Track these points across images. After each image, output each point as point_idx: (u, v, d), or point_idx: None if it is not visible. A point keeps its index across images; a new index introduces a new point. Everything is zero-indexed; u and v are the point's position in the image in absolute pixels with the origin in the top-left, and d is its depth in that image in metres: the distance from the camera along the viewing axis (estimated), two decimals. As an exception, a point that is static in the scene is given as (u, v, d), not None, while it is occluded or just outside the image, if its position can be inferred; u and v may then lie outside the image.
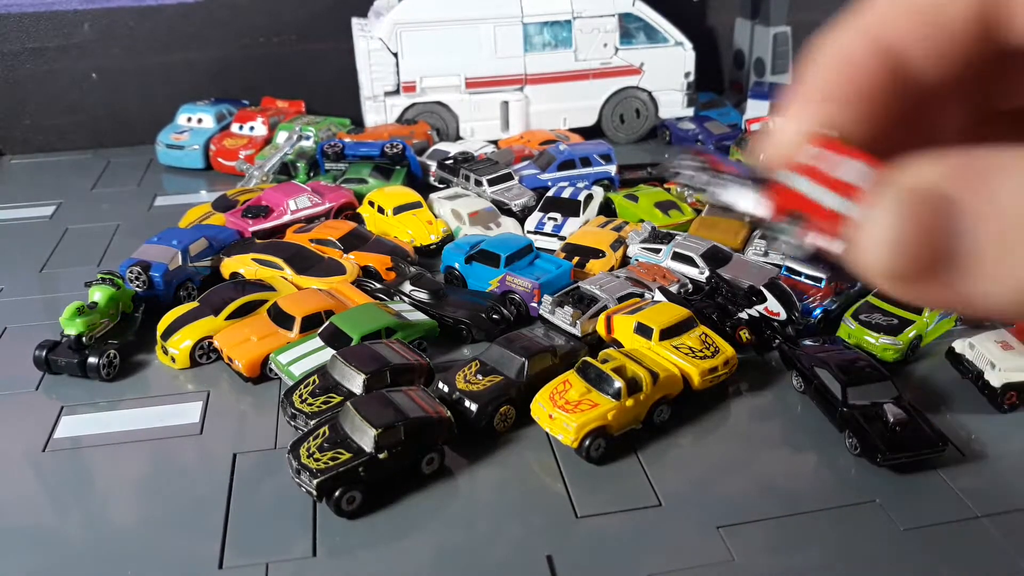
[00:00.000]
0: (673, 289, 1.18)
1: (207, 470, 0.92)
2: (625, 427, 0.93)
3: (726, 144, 1.77)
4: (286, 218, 1.43)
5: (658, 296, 1.16)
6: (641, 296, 1.16)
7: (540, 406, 0.94)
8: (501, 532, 0.83)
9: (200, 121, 1.85)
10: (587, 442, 0.90)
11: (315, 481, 0.82)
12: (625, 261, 1.31)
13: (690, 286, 1.21)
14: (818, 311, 1.15)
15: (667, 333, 1.05)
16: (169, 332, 1.11)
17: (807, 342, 1.06)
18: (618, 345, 1.07)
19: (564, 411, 0.91)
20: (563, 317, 1.12)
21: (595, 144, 1.69)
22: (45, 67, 1.93)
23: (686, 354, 1.02)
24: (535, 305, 1.17)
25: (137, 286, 1.20)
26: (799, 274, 1.20)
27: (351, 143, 1.67)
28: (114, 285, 1.15)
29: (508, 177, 1.55)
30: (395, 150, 1.63)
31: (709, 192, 0.31)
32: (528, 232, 1.40)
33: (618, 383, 0.93)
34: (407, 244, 1.37)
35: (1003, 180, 0.24)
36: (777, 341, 1.10)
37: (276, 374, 1.06)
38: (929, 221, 0.25)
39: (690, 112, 1.93)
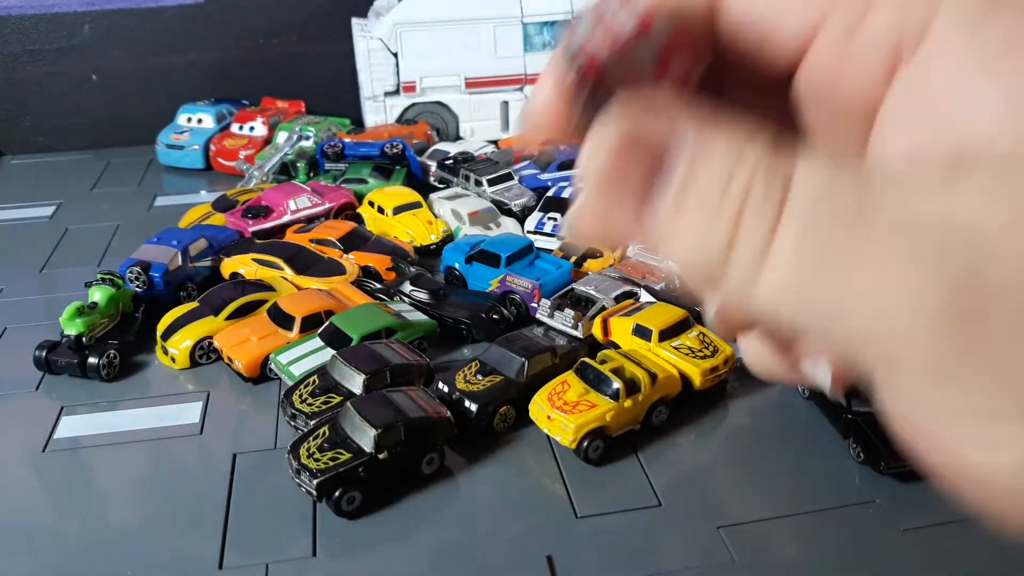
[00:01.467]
0: (657, 287, 1.18)
1: (207, 470, 0.92)
2: (623, 428, 0.93)
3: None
4: (286, 218, 1.43)
5: (645, 296, 1.16)
6: (635, 295, 1.16)
7: (538, 407, 0.94)
8: (501, 532, 0.83)
9: (200, 121, 1.85)
10: (585, 443, 0.90)
11: (315, 481, 0.82)
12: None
13: (677, 283, 1.21)
14: None
15: (666, 334, 1.05)
16: (169, 332, 1.11)
17: None
18: (615, 347, 1.07)
19: (562, 412, 0.91)
20: (563, 320, 1.12)
21: (595, 144, 1.69)
22: (45, 69, 1.93)
23: (686, 354, 1.02)
24: (535, 305, 1.17)
25: (137, 286, 1.20)
26: None
27: (351, 143, 1.67)
28: (114, 285, 1.15)
29: (508, 177, 1.55)
30: (395, 150, 1.63)
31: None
32: (528, 232, 1.40)
33: (617, 384, 0.92)
34: (407, 244, 1.37)
35: None
36: None
37: (276, 374, 1.06)
38: None
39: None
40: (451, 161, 1.62)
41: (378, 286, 1.24)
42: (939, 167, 0.26)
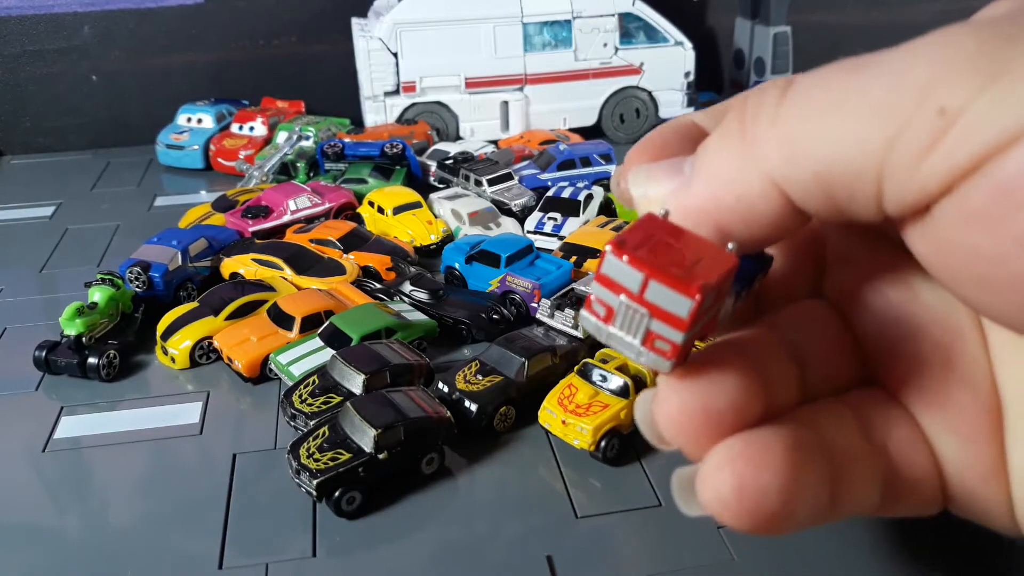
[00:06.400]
0: None
1: (207, 470, 0.92)
2: (633, 423, 0.94)
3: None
4: (286, 218, 1.43)
5: None
6: None
7: (550, 412, 0.94)
8: (501, 532, 0.83)
9: (200, 121, 1.85)
10: (603, 443, 0.90)
11: (315, 481, 0.82)
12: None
13: None
14: None
15: (668, 333, 1.05)
16: (169, 332, 1.11)
17: None
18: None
19: (576, 415, 0.91)
20: (563, 320, 1.12)
21: (595, 144, 1.69)
22: (45, 69, 1.93)
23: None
24: (535, 305, 1.17)
25: (137, 286, 1.20)
26: None
27: (351, 143, 1.67)
28: (114, 285, 1.15)
29: (508, 177, 1.55)
30: (395, 150, 1.63)
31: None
32: (528, 232, 1.40)
33: (625, 380, 0.93)
34: (407, 244, 1.37)
35: None
36: None
37: (276, 374, 1.06)
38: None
39: (690, 112, 1.93)
40: (451, 161, 1.62)
41: (378, 286, 1.24)
42: None
